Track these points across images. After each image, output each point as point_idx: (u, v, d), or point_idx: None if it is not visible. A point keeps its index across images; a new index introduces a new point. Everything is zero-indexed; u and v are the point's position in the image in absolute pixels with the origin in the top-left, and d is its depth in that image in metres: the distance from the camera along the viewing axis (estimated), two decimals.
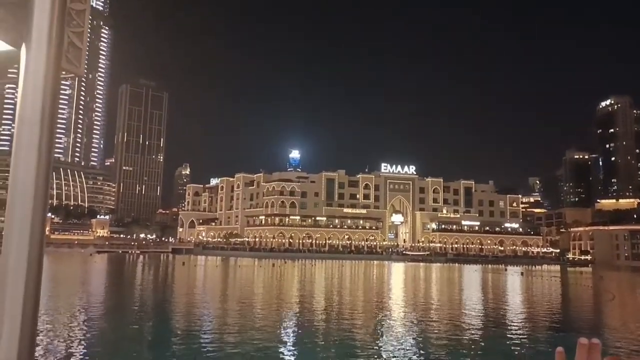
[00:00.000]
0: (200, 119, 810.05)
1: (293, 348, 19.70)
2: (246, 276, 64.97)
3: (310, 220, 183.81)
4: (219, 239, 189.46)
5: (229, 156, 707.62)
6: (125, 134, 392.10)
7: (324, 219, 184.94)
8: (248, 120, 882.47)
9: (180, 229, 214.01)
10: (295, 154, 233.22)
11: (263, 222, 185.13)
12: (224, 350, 18.37)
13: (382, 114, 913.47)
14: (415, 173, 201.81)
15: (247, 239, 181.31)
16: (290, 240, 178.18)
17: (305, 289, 49.26)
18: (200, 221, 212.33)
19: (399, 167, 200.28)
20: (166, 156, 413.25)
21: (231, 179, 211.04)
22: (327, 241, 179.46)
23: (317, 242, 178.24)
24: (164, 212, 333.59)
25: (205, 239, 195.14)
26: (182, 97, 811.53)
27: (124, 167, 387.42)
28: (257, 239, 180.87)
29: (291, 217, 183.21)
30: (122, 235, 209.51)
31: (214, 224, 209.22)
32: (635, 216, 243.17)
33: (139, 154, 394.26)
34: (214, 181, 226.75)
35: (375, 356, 18.47)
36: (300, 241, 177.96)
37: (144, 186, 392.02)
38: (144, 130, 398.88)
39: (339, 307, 33.97)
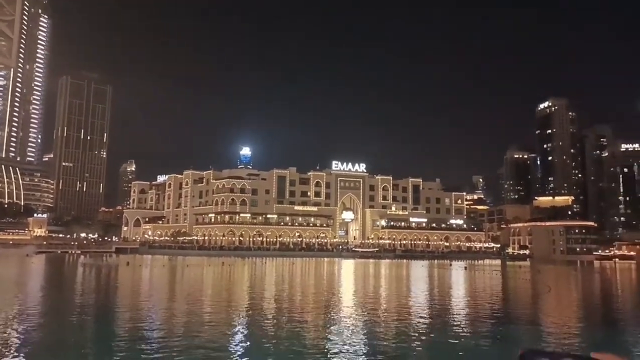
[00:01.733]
0: (148, 114, 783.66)
1: (243, 350, 19.28)
2: (194, 276, 63.39)
3: (261, 218, 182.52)
4: (166, 238, 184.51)
5: (177, 153, 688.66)
6: (65, 128, 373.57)
7: (275, 216, 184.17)
8: (197, 116, 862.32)
9: (125, 228, 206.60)
10: (246, 151, 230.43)
11: (212, 220, 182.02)
12: (170, 354, 17.69)
13: (334, 113, 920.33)
14: (365, 171, 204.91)
15: (195, 238, 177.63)
16: (241, 238, 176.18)
17: (255, 287, 48.68)
18: (147, 219, 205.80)
19: (350, 165, 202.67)
20: (110, 152, 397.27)
21: (179, 176, 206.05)
22: (278, 239, 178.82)
23: (268, 239, 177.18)
24: (107, 210, 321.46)
25: (151, 238, 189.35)
26: (128, 91, 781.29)
27: (64, 163, 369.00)
28: (206, 238, 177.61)
29: (241, 214, 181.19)
30: (61, 235, 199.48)
31: (161, 222, 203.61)
32: (570, 212, 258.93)
33: (80, 150, 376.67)
34: (161, 178, 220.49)
35: (326, 353, 18.39)
36: (251, 239, 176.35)
37: (85, 183, 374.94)
38: (85, 124, 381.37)
39: (290, 305, 33.77)
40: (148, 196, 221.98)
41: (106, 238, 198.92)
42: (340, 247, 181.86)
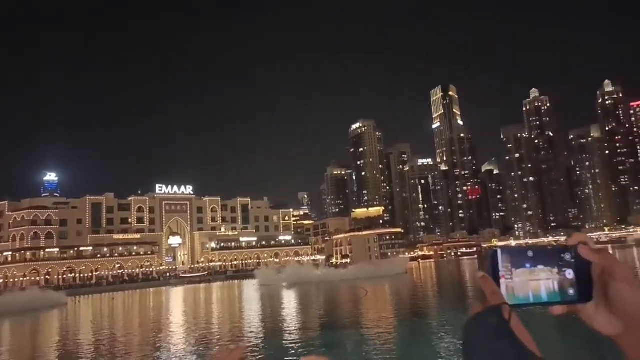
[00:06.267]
0: None
1: None
2: None
3: (72, 252, 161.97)
4: None
5: None
6: None
7: (90, 248, 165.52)
8: None
9: None
10: (51, 177, 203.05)
11: (10, 259, 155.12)
12: None
13: (154, 133, 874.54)
14: (192, 193, 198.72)
15: None
16: (47, 277, 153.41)
17: (67, 335, 42.80)
18: None
19: (176, 188, 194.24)
20: None
21: None
22: (95, 273, 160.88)
23: (82, 275, 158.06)
24: None
25: None
26: None
27: None
28: (1, 280, 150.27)
29: (47, 249, 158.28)
30: None
31: None
32: (381, 221, 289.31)
33: None
34: None
35: None
36: (61, 276, 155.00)
37: None
38: None
39: (111, 350, 30.57)
40: None
41: None
42: (168, 274, 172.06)
